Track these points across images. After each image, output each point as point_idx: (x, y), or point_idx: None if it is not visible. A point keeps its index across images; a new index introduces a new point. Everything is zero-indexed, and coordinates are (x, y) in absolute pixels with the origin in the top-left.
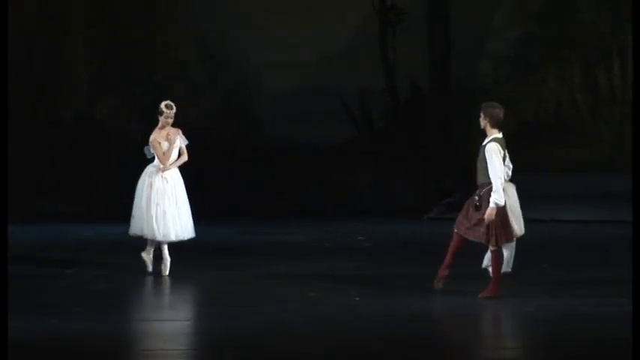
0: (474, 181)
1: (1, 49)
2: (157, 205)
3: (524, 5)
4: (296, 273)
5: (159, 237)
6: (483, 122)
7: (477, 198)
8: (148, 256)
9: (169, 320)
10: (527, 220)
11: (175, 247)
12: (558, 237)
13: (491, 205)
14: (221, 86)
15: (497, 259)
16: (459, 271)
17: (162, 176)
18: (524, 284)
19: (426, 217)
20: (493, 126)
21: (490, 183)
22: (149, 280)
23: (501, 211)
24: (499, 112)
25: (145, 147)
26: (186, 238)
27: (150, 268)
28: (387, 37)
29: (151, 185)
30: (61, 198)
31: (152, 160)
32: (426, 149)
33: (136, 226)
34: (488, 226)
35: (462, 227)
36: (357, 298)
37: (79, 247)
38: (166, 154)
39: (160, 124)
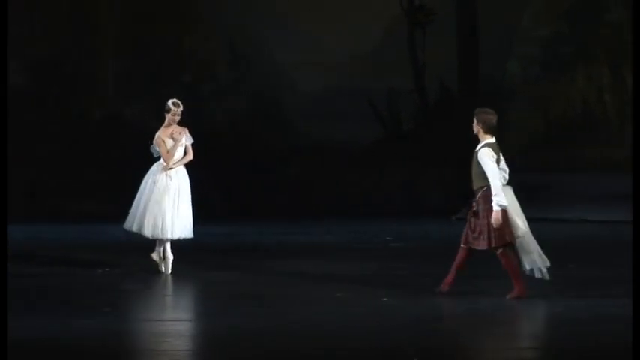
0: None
1: (1, 49)
2: (157, 202)
3: (553, 5)
4: (324, 273)
5: (157, 234)
6: (476, 128)
7: (474, 204)
8: (158, 256)
9: (174, 320)
10: (556, 221)
11: (205, 247)
12: (590, 237)
13: (495, 208)
14: (249, 87)
15: (509, 259)
16: (487, 272)
17: (166, 174)
18: (554, 284)
19: (454, 217)
20: (486, 132)
21: (484, 187)
22: (157, 279)
23: (503, 213)
24: (492, 118)
25: (151, 145)
26: (182, 238)
27: (161, 268)
28: (415, 37)
29: (154, 183)
30: (89, 198)
31: (159, 158)
32: (454, 150)
33: (129, 221)
34: (488, 231)
35: (468, 239)
36: (385, 299)
37: (94, 247)
38: (170, 153)
39: (166, 122)
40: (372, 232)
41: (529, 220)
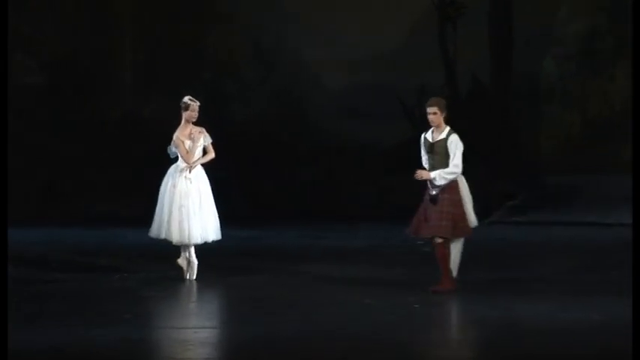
0: (535, 182)
1: (1, 49)
2: (181, 206)
3: None
4: (352, 278)
5: (184, 240)
6: (439, 118)
7: (433, 193)
8: (183, 262)
9: (197, 328)
10: (593, 225)
11: (228, 251)
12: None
13: (435, 176)
14: (273, 85)
15: (445, 250)
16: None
17: (185, 176)
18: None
19: (487, 221)
20: (447, 121)
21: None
22: (178, 285)
23: (460, 202)
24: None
25: (168, 147)
26: (211, 240)
27: (187, 275)
28: (446, 32)
29: (174, 186)
30: (107, 199)
31: (176, 160)
32: (487, 149)
33: (154, 229)
34: (449, 218)
35: (413, 228)
36: (417, 306)
37: (111, 252)
38: (190, 153)
39: (183, 121)
40: (401, 236)
41: (565, 223)
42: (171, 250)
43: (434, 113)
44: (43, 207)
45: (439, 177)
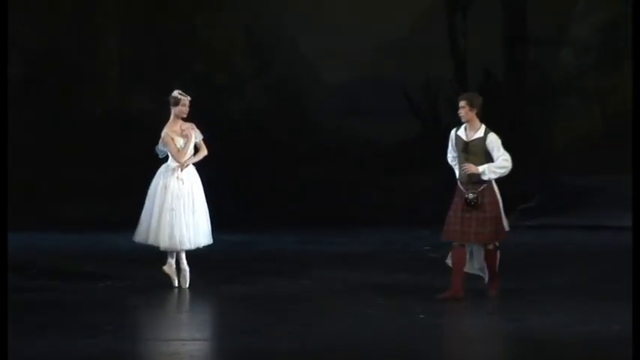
0: (551, 183)
1: (1, 49)
2: (172, 210)
3: None
4: (352, 286)
5: (174, 245)
6: (471, 113)
7: (471, 196)
8: (170, 269)
9: (186, 340)
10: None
11: (220, 257)
12: None
13: (484, 170)
14: (269, 77)
15: (494, 256)
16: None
17: (177, 177)
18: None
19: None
20: (480, 118)
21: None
22: (167, 294)
23: (497, 205)
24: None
25: (156, 146)
26: (202, 245)
27: (175, 282)
28: (456, 21)
29: (165, 187)
30: (91, 202)
31: (165, 160)
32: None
33: (141, 233)
34: (494, 223)
35: (458, 236)
36: (422, 316)
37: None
38: (181, 152)
39: (172, 117)
40: (404, 241)
41: (583, 227)
42: (160, 256)
43: (462, 107)
44: (22, 209)
45: (488, 171)
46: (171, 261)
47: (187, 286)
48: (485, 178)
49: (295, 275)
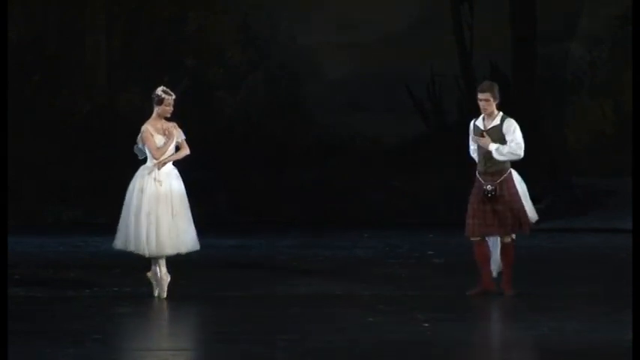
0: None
1: (1, 49)
2: (149, 214)
3: None
4: (352, 293)
5: (152, 251)
6: (493, 104)
7: (489, 187)
8: (154, 276)
9: (173, 350)
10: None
11: (210, 262)
12: None
13: (495, 148)
14: (265, 72)
15: (514, 248)
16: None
17: (155, 179)
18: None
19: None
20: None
21: (507, 170)
22: (154, 302)
23: (518, 196)
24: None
25: (135, 146)
26: (185, 252)
27: (155, 292)
28: (461, 13)
29: (142, 190)
30: (75, 203)
31: (145, 161)
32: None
33: (120, 240)
34: (516, 215)
35: (480, 229)
36: (426, 324)
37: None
38: (161, 149)
39: (154, 115)
40: (409, 246)
41: (596, 230)
42: (148, 261)
43: (486, 100)
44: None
45: (497, 152)
46: (155, 267)
47: (165, 296)
48: (494, 156)
49: (291, 282)
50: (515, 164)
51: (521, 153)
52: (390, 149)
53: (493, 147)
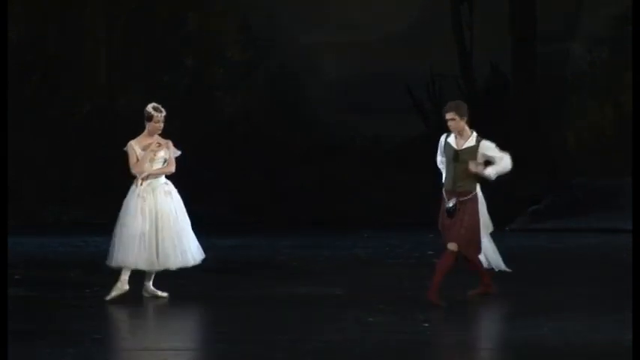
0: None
1: (1, 49)
2: (148, 229)
3: None
4: (352, 293)
5: (154, 266)
6: (462, 123)
7: (450, 204)
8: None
9: (174, 350)
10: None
11: (211, 263)
12: None
13: (491, 173)
14: (265, 72)
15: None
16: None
17: (138, 195)
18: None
19: (508, 228)
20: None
21: (473, 192)
22: (154, 302)
23: (475, 221)
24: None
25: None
26: (191, 265)
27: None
28: (461, 13)
29: (127, 207)
30: (76, 203)
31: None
32: (508, 146)
33: (113, 256)
34: (469, 235)
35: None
36: (427, 324)
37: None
38: (139, 163)
39: (145, 132)
40: (409, 245)
41: (596, 231)
42: None
43: (452, 119)
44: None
45: (495, 176)
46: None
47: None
48: (493, 178)
49: (291, 282)
50: (514, 165)
51: (511, 163)
52: (390, 149)
53: (492, 173)
